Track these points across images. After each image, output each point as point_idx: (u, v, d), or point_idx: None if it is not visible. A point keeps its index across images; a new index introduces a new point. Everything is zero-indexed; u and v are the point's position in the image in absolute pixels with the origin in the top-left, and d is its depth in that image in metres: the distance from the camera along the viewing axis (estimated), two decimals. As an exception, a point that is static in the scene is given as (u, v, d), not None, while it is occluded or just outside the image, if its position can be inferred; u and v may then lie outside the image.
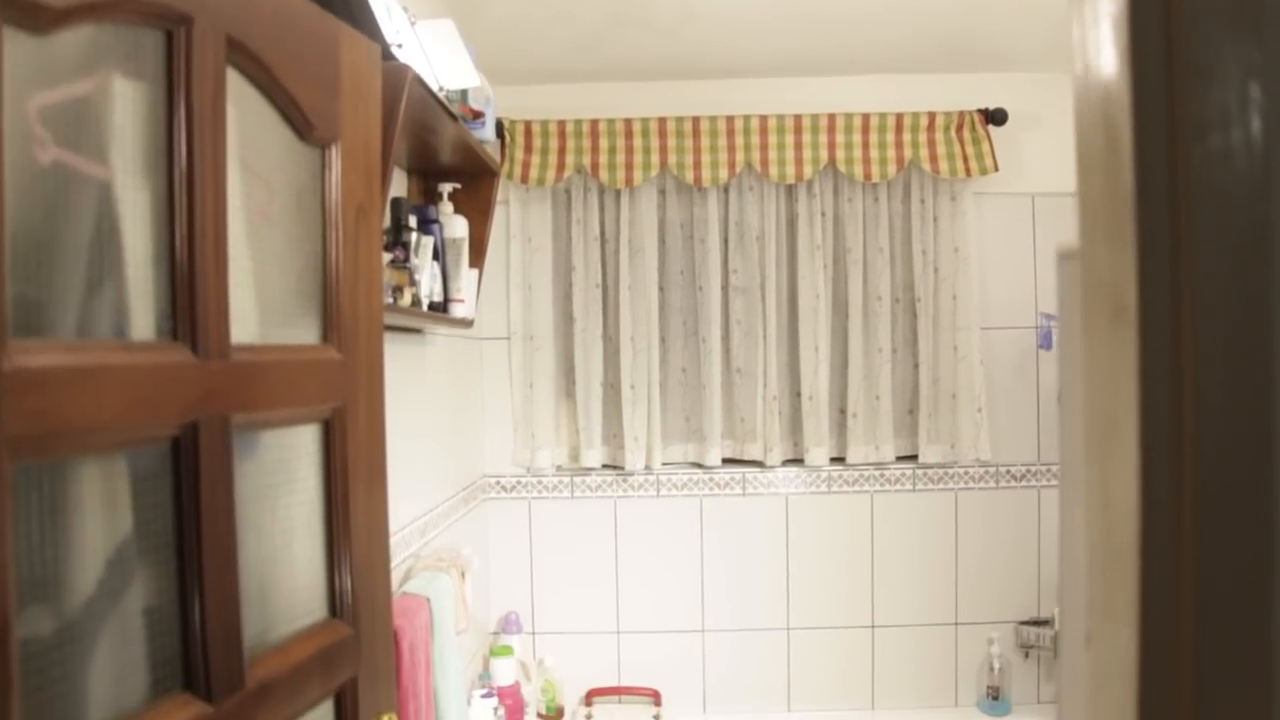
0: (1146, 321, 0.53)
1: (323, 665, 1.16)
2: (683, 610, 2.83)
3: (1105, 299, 0.57)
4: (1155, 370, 0.53)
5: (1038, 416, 2.85)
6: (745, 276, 2.79)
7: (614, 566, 2.82)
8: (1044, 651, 2.79)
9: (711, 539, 2.84)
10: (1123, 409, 0.55)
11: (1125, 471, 0.55)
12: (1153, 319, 0.52)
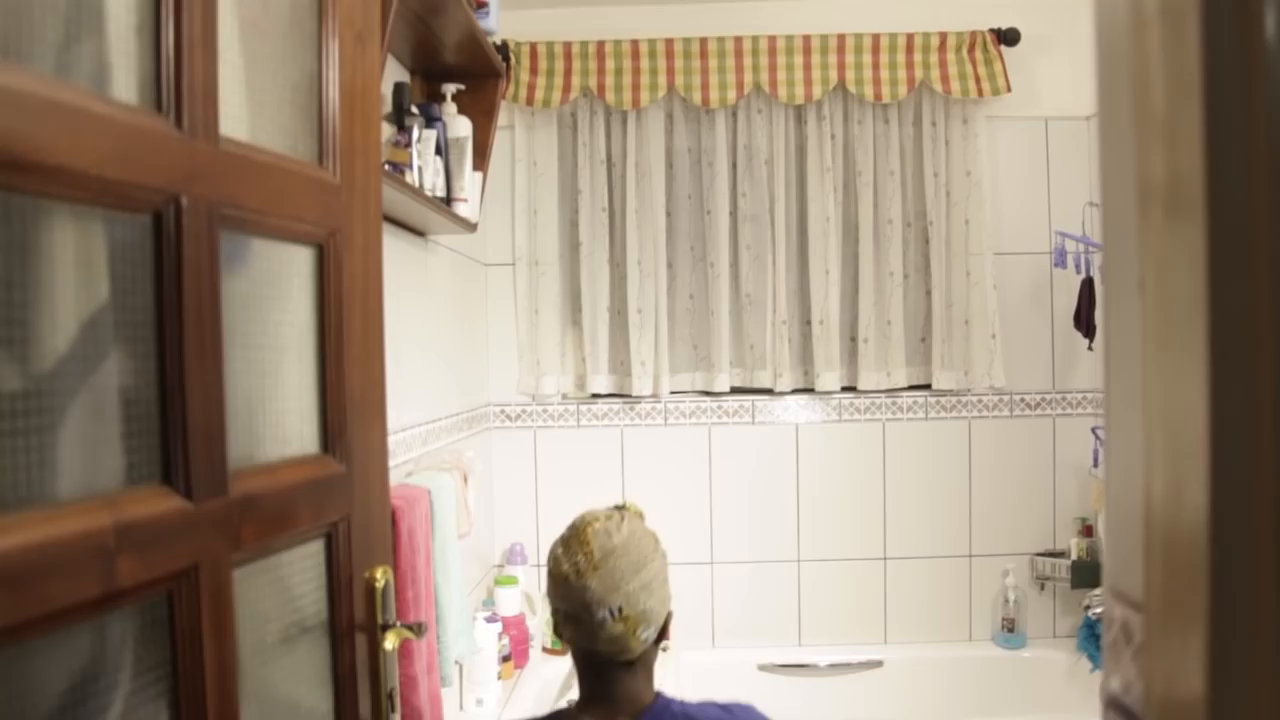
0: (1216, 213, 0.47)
1: (312, 497, 1.12)
2: (691, 542, 2.78)
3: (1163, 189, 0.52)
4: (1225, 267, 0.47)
5: (1052, 344, 2.79)
6: (754, 201, 2.75)
7: (620, 497, 2.77)
8: (1060, 583, 2.73)
9: (720, 469, 2.79)
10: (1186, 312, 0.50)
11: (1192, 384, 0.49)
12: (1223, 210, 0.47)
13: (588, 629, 1.26)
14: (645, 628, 1.27)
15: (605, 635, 1.25)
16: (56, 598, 0.75)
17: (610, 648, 1.27)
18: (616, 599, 1.25)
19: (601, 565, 1.26)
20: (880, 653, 2.74)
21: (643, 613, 1.26)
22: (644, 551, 1.29)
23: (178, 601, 0.91)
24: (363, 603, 1.22)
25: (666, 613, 1.33)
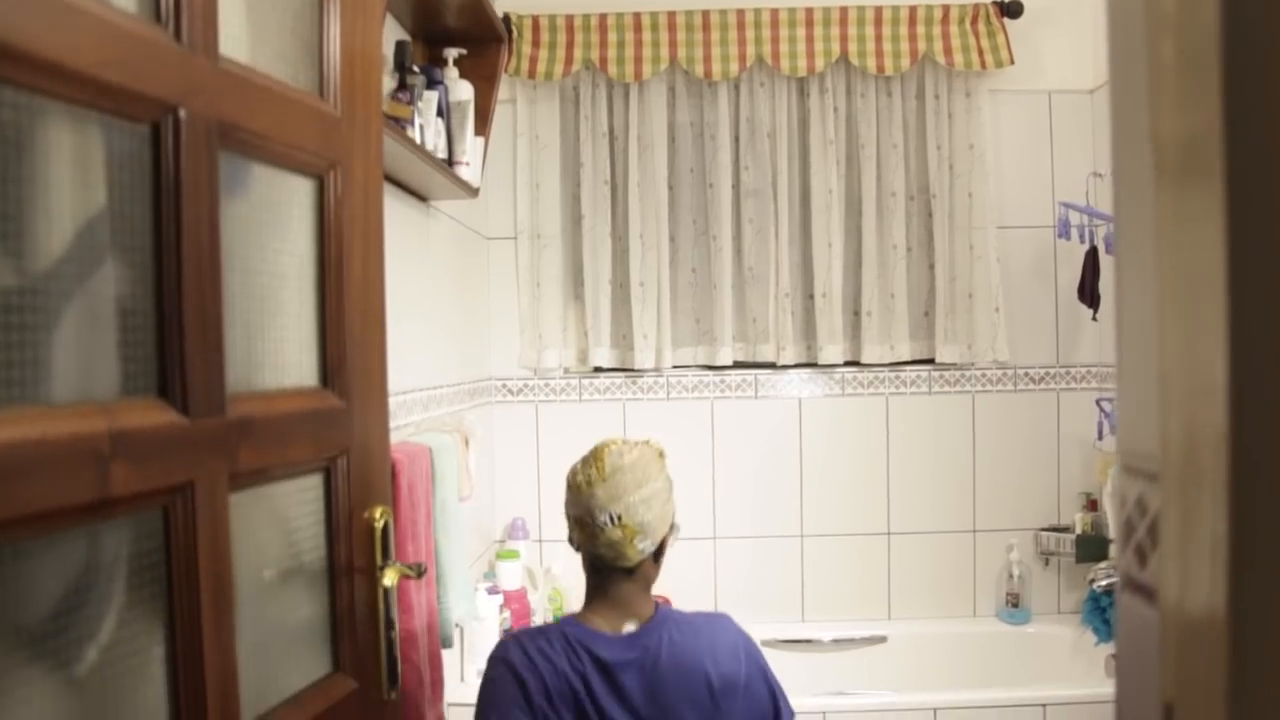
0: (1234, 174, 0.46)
1: (310, 428, 1.11)
2: (693, 517, 2.76)
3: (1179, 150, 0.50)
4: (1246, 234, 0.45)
5: (1056, 317, 2.78)
6: (756, 175, 2.74)
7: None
8: (1064, 558, 2.71)
9: (723, 443, 2.78)
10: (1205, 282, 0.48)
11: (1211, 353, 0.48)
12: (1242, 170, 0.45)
13: (590, 532, 1.43)
14: (642, 538, 1.43)
15: (605, 539, 1.42)
16: (50, 497, 0.75)
17: (609, 552, 1.43)
18: (617, 507, 1.42)
19: (609, 478, 1.43)
20: (884, 628, 2.73)
21: (640, 523, 1.42)
22: (648, 472, 1.46)
23: (173, 518, 0.90)
24: (362, 542, 1.21)
25: (665, 533, 1.48)
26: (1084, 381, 2.77)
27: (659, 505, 1.44)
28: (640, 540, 1.42)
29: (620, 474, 1.43)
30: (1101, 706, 2.18)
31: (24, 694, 0.76)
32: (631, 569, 1.45)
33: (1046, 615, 2.76)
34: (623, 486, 1.42)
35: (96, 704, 0.84)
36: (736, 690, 1.44)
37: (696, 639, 1.46)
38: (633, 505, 1.41)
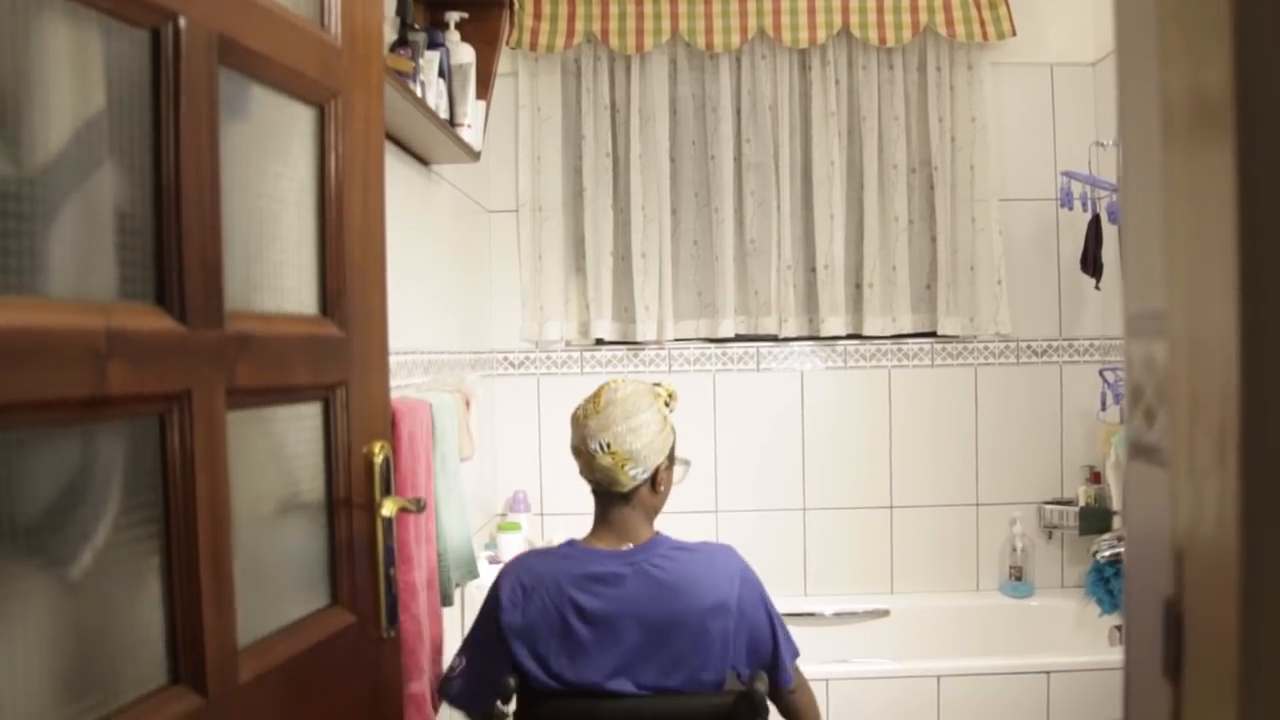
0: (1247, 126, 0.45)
1: (309, 355, 1.11)
2: (695, 490, 2.76)
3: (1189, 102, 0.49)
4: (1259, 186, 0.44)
5: (1059, 290, 2.77)
6: (758, 147, 2.73)
7: (624, 445, 2.75)
8: (1068, 531, 2.71)
9: (724, 416, 2.78)
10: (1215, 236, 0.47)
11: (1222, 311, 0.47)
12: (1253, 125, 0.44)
13: (586, 459, 1.55)
14: (632, 465, 1.52)
15: (597, 465, 1.53)
16: (47, 386, 0.74)
17: (602, 477, 1.55)
18: (606, 436, 1.52)
19: (602, 411, 1.55)
20: (886, 602, 2.72)
21: (629, 451, 1.52)
22: (638, 405, 1.56)
23: (169, 426, 0.89)
24: (361, 477, 1.20)
25: (659, 463, 1.57)
26: (1087, 355, 2.76)
27: (648, 435, 1.53)
28: (631, 467, 1.52)
29: (612, 406, 1.55)
30: (1105, 674, 2.17)
31: (18, 587, 0.75)
32: (627, 494, 1.55)
33: (1050, 589, 2.75)
34: (612, 417, 1.53)
35: (91, 608, 0.83)
36: (727, 612, 1.48)
37: (691, 560, 1.53)
38: (620, 434, 1.52)
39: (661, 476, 1.59)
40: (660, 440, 1.55)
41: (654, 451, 1.54)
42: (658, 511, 1.63)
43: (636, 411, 1.54)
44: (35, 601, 0.77)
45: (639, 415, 1.54)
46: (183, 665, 0.90)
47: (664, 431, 1.57)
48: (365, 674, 1.21)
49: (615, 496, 1.56)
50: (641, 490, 1.56)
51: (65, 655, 0.80)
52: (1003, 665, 2.22)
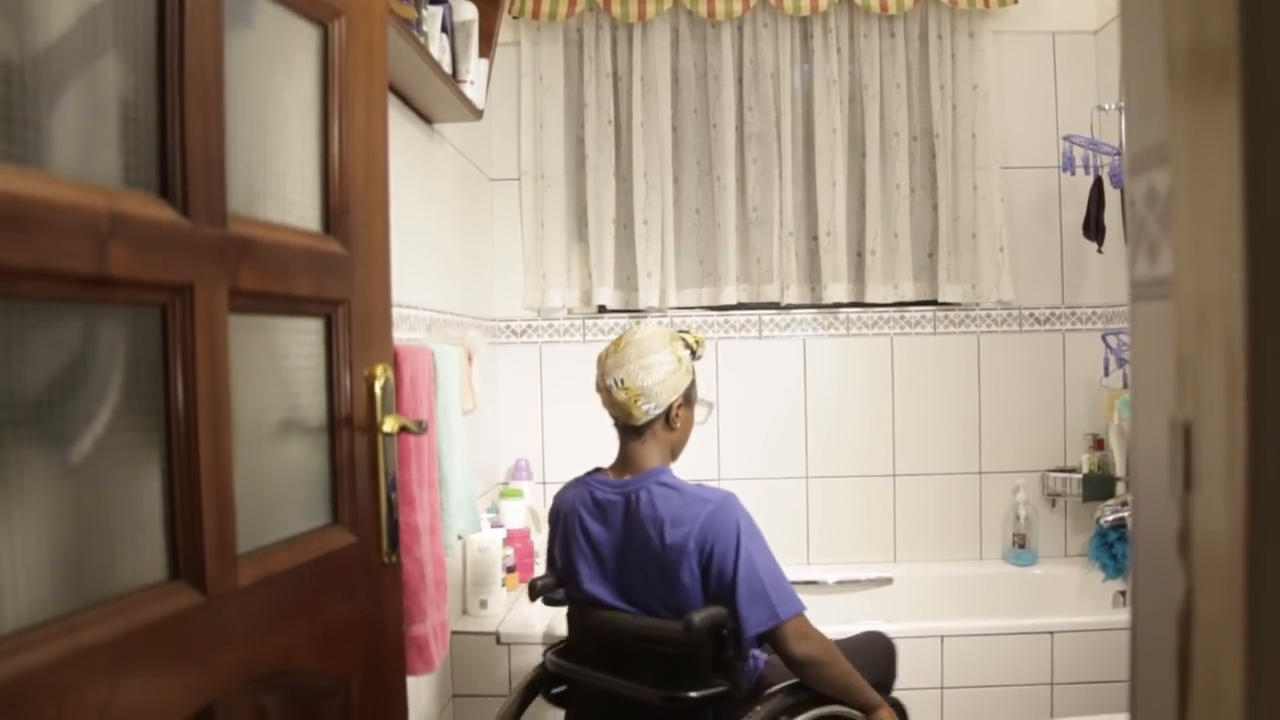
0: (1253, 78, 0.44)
1: (311, 267, 1.11)
2: (697, 458, 2.75)
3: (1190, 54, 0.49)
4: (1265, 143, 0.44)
5: (1061, 258, 2.76)
6: (760, 116, 2.73)
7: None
8: (1071, 499, 2.70)
9: (727, 384, 2.77)
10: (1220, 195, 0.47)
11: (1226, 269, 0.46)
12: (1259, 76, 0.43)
13: (605, 395, 1.68)
14: (645, 401, 1.64)
15: (613, 400, 1.66)
16: (50, 256, 0.74)
17: (618, 412, 1.68)
18: (620, 373, 1.65)
19: (620, 350, 1.67)
20: (889, 570, 2.71)
21: (641, 388, 1.64)
22: (652, 345, 1.67)
23: (171, 319, 0.89)
24: (361, 399, 1.20)
25: (673, 400, 1.68)
26: (1089, 323, 2.76)
27: (661, 373, 1.65)
28: (644, 403, 1.64)
29: (629, 346, 1.67)
30: (1109, 634, 2.16)
31: (20, 460, 0.75)
32: (640, 429, 1.68)
33: (1053, 558, 2.74)
34: (627, 356, 1.66)
35: (91, 494, 0.83)
36: (687, 554, 1.56)
37: (671, 498, 1.61)
38: (634, 371, 1.64)
39: (677, 414, 1.70)
40: (674, 380, 1.66)
41: (666, 389, 1.65)
42: (677, 447, 1.76)
43: (650, 351, 1.65)
44: (36, 478, 0.77)
45: (652, 355, 1.65)
46: (182, 562, 0.90)
47: (678, 371, 1.67)
48: (366, 597, 1.21)
49: (630, 430, 1.69)
50: (655, 425, 1.68)
51: (66, 537, 0.80)
52: (1006, 625, 2.22)
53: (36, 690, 0.72)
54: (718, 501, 1.61)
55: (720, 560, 1.56)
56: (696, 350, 1.74)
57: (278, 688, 1.04)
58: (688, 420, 1.76)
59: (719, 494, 1.63)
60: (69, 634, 0.77)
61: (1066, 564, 2.71)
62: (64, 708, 0.75)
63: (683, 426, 1.74)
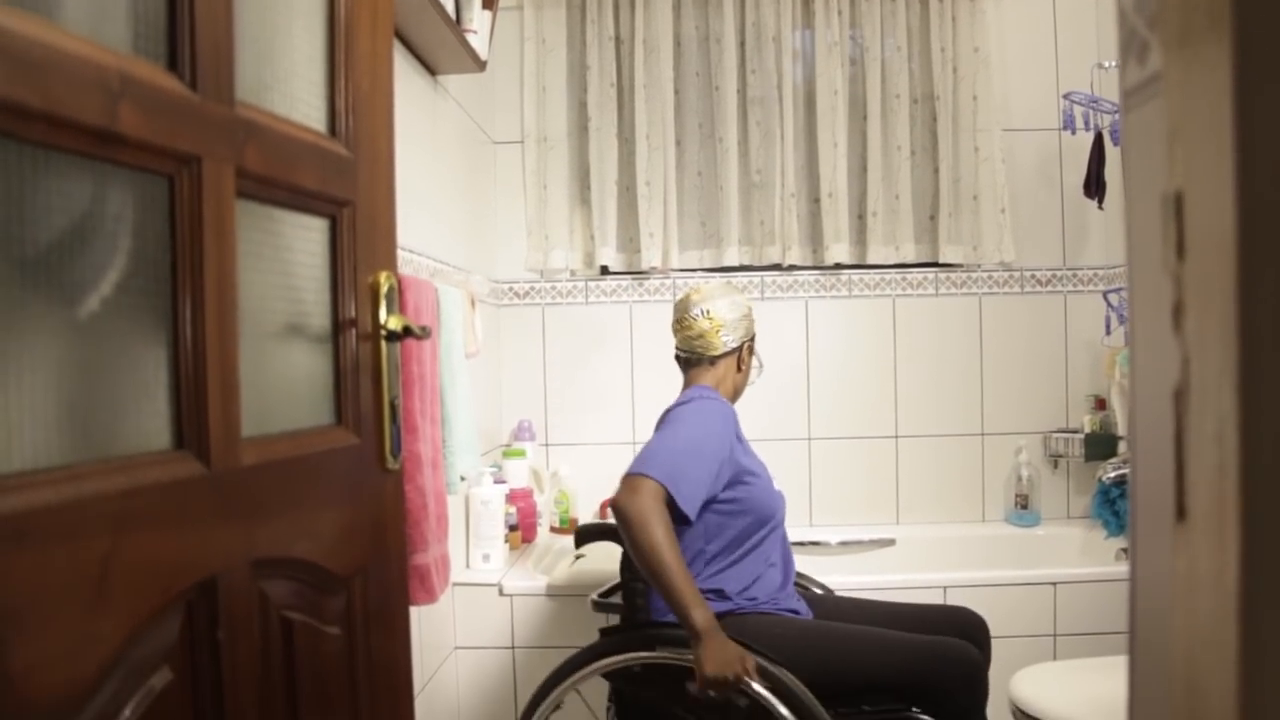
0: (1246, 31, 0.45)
1: (316, 165, 1.12)
2: (699, 420, 2.76)
3: None
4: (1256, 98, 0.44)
5: (1062, 220, 2.77)
6: (762, 78, 2.75)
7: (629, 374, 2.75)
8: (1074, 460, 2.70)
9: (729, 346, 2.77)
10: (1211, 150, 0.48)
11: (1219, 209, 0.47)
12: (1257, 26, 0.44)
13: (689, 328, 1.85)
14: (727, 332, 1.84)
15: (697, 330, 1.84)
16: (60, 103, 0.75)
17: (700, 343, 1.84)
18: (707, 305, 1.85)
19: (704, 289, 1.88)
20: (892, 532, 2.71)
21: (725, 320, 1.84)
22: (729, 291, 1.89)
23: (179, 189, 0.90)
24: (366, 303, 1.21)
25: (746, 341, 1.89)
26: (1091, 284, 2.76)
27: (740, 312, 1.87)
28: (725, 334, 1.83)
29: (713, 287, 1.89)
30: (1112, 585, 2.16)
31: (30, 309, 0.76)
32: (713, 359, 1.84)
33: (1056, 519, 2.74)
34: (714, 293, 1.86)
35: (98, 355, 0.84)
36: None
37: (684, 403, 1.76)
38: (720, 306, 1.84)
39: (745, 356, 1.89)
40: (747, 323, 1.88)
41: (743, 328, 1.86)
42: (739, 390, 1.91)
43: (729, 294, 1.87)
44: (44, 329, 0.78)
45: (730, 297, 1.86)
46: (187, 435, 0.91)
47: (749, 318, 1.89)
48: (369, 502, 1.22)
49: (703, 360, 1.85)
50: (727, 360, 1.85)
51: (72, 392, 0.81)
52: (1009, 576, 2.22)
53: (42, 528, 0.73)
54: (694, 398, 1.76)
55: (656, 428, 1.72)
56: None
57: (280, 576, 1.05)
58: (749, 368, 1.92)
59: (706, 394, 1.79)
60: (73, 481, 0.78)
61: (1069, 525, 2.71)
62: (68, 550, 0.76)
63: (746, 371, 1.90)
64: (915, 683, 1.55)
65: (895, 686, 1.56)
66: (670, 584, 1.48)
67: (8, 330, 0.74)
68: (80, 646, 0.77)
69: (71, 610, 0.76)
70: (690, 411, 1.70)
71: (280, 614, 1.04)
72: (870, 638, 1.61)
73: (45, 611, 0.73)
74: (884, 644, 1.59)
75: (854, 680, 1.57)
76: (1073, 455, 2.67)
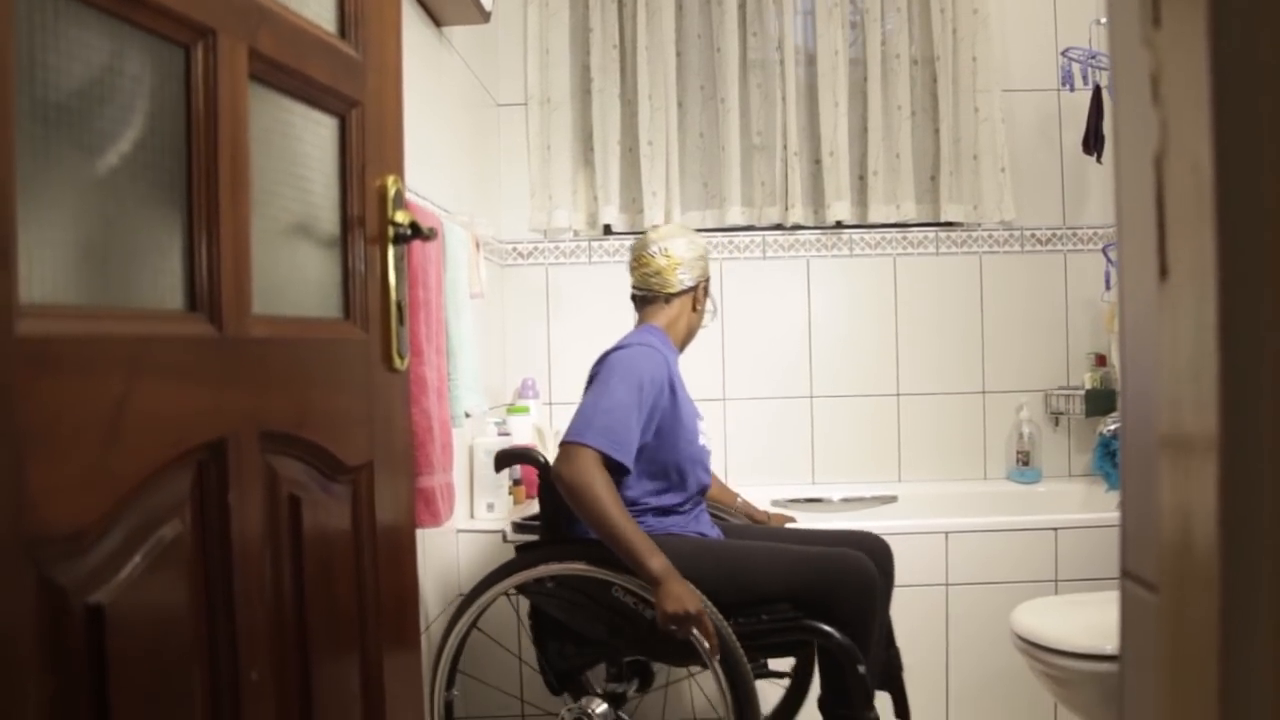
0: None
1: (326, 60, 1.14)
2: (703, 378, 2.78)
3: None
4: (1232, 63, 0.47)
5: (1062, 180, 2.79)
6: (763, 39, 2.77)
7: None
8: (1075, 418, 2.71)
9: (731, 305, 2.80)
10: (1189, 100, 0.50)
11: None
12: None
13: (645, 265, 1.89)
14: (683, 270, 1.88)
15: (653, 268, 1.87)
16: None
17: (656, 281, 1.88)
18: (665, 243, 1.89)
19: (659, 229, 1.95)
20: (894, 489, 2.72)
21: (682, 258, 1.88)
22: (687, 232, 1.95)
23: (194, 60, 0.93)
24: (374, 206, 1.24)
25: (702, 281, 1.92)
26: (1091, 243, 2.78)
27: (698, 252, 1.91)
28: (682, 271, 1.87)
29: (673, 227, 1.95)
30: (1113, 531, 2.17)
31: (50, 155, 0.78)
32: (669, 297, 1.88)
33: (1057, 477, 2.76)
34: (673, 233, 1.91)
35: (114, 210, 0.86)
36: None
37: (622, 350, 1.78)
38: (678, 245, 1.88)
39: (700, 297, 1.92)
40: (703, 264, 1.91)
41: (699, 268, 1.90)
42: (692, 331, 1.93)
43: (688, 235, 1.92)
44: (66, 173, 0.80)
45: (691, 237, 1.91)
46: (199, 297, 0.93)
47: (705, 259, 1.92)
48: (376, 396, 1.24)
49: (658, 298, 1.88)
50: (680, 300, 1.88)
51: (91, 240, 0.83)
52: (1010, 522, 2.23)
53: (61, 356, 0.75)
54: (632, 344, 1.77)
55: (591, 384, 1.74)
56: None
57: (288, 454, 1.07)
58: (705, 311, 1.94)
59: (648, 340, 1.79)
60: (91, 320, 0.80)
61: (1070, 482, 2.73)
62: (84, 384, 0.78)
63: (700, 313, 1.92)
64: (808, 591, 1.64)
65: (791, 597, 1.65)
66: (622, 540, 1.58)
67: (32, 168, 0.76)
68: (95, 480, 0.79)
69: (88, 442, 0.78)
70: (620, 363, 1.73)
71: (289, 492, 1.06)
72: (766, 552, 1.73)
73: (62, 438, 0.76)
74: (780, 557, 1.70)
75: (753, 592, 1.66)
76: (1074, 413, 2.69)
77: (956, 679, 2.22)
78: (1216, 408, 0.48)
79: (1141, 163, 0.58)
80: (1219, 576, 0.48)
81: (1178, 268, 0.55)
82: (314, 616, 1.10)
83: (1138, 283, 0.57)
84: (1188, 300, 0.53)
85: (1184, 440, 0.52)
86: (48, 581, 0.75)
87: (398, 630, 1.30)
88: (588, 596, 1.68)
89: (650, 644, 1.68)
